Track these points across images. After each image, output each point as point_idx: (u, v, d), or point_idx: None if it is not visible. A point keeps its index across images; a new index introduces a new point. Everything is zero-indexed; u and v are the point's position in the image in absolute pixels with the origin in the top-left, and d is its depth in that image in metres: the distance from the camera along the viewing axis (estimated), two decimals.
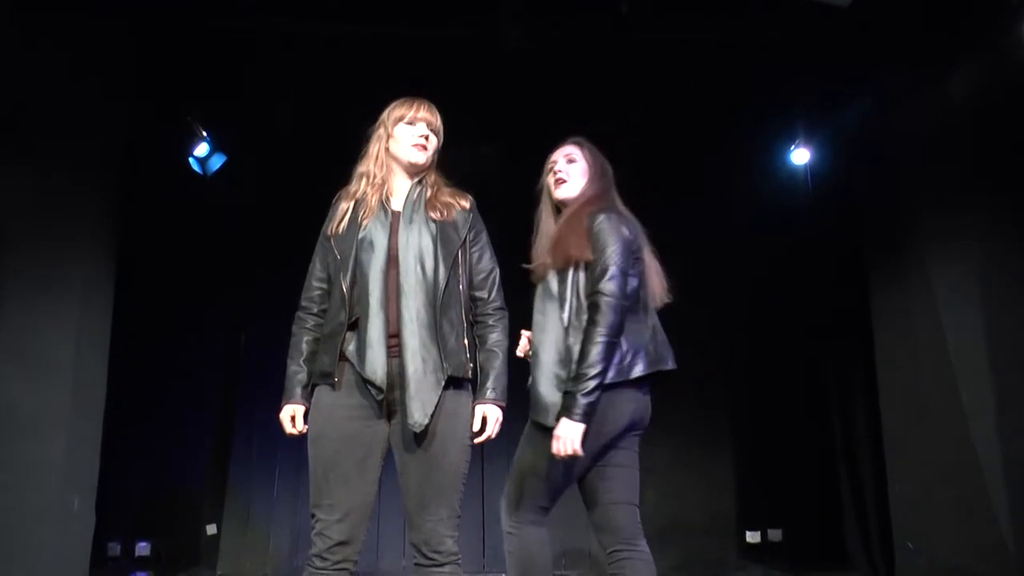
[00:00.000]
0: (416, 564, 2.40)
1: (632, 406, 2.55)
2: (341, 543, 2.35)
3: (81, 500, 4.02)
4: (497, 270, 2.63)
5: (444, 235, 2.50)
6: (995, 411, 3.92)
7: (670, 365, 2.63)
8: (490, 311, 2.57)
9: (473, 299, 2.57)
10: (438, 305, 2.41)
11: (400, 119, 2.62)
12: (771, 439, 6.34)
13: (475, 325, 2.57)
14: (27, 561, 3.69)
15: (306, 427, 2.48)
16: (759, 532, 6.45)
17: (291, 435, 2.51)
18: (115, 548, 6.04)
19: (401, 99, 2.67)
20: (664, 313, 2.77)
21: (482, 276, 2.58)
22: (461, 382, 2.46)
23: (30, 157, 3.98)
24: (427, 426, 2.33)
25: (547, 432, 2.46)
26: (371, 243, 2.46)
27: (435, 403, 2.35)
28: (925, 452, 4.30)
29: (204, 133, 5.63)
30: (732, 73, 5.30)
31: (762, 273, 6.36)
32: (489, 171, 5.40)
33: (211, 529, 6.03)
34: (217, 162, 5.77)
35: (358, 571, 2.46)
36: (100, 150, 4.27)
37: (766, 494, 6.36)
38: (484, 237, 2.64)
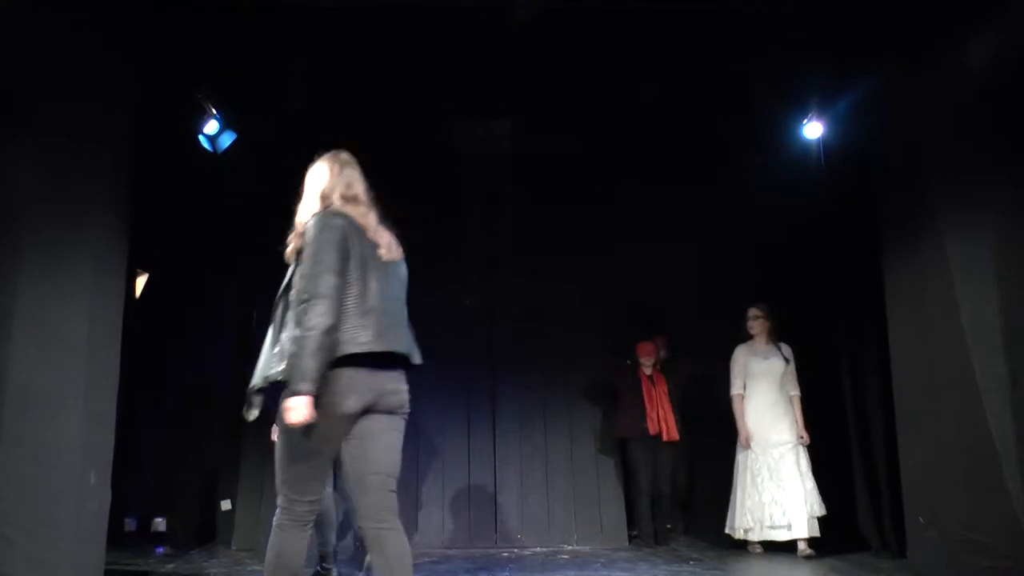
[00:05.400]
0: None
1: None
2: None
3: (97, 476, 4.04)
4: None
5: None
6: (1008, 386, 3.90)
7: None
8: None
9: None
10: None
11: None
12: None
13: None
14: (44, 537, 3.72)
15: None
16: None
17: None
18: (131, 524, 6.13)
19: None
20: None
21: None
22: None
23: (41, 134, 3.99)
24: None
25: None
26: None
27: None
28: (937, 427, 4.29)
29: (214, 111, 5.62)
30: (745, 46, 5.25)
31: (776, 245, 6.33)
32: (500, 146, 5.38)
33: (226, 505, 6.09)
34: (227, 140, 5.77)
35: None
36: (112, 127, 4.26)
37: None
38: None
